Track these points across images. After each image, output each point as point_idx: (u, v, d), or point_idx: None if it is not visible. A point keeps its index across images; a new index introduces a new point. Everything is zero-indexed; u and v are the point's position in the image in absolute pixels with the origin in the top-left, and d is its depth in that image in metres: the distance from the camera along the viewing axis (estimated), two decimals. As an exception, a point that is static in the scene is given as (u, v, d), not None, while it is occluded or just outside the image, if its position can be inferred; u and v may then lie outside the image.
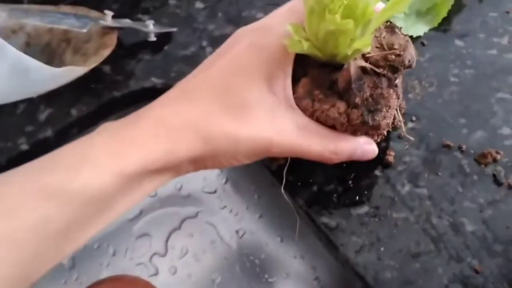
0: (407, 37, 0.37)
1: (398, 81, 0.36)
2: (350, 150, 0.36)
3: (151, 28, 0.51)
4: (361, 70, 0.35)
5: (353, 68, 0.34)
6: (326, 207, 0.41)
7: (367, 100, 0.34)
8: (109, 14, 0.49)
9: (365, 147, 0.37)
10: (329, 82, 0.35)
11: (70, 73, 0.46)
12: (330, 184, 0.42)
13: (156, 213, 0.56)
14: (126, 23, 0.51)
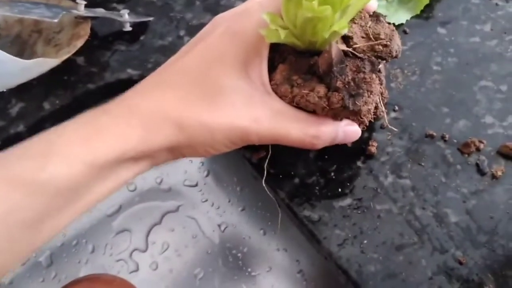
0: (392, 26, 0.36)
1: (381, 66, 0.35)
2: (331, 133, 0.35)
3: (126, 17, 0.49)
4: (344, 54, 0.34)
5: (334, 49, 0.33)
6: (308, 200, 0.40)
7: (349, 84, 0.33)
8: (81, 3, 0.47)
9: (347, 129, 0.35)
10: (308, 66, 0.34)
11: (41, 65, 0.44)
12: (311, 176, 0.41)
13: (136, 208, 0.54)
14: (100, 12, 0.49)
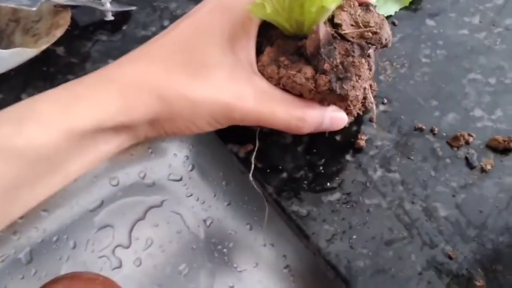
0: (382, 15, 0.36)
1: (371, 51, 0.34)
2: (318, 117, 0.34)
3: (108, 6, 0.47)
4: (333, 37, 0.33)
5: (322, 30, 0.32)
6: (296, 194, 0.39)
7: (337, 67, 0.33)
8: (61, -9, 0.46)
9: (334, 115, 0.35)
10: (295, 48, 0.34)
11: (20, 56, 0.43)
12: (300, 170, 0.40)
13: (118, 203, 0.53)
14: (80, 1, 0.47)
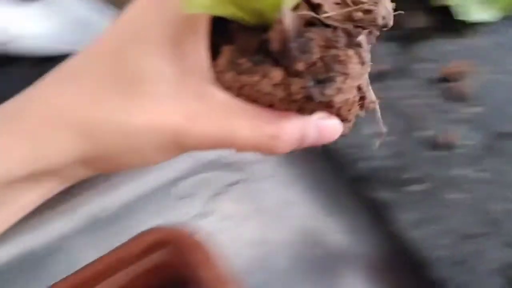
0: None
1: (362, 38, 0.24)
2: (297, 131, 0.25)
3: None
4: (309, 24, 0.24)
5: (288, 17, 0.22)
6: (377, 182, 0.41)
7: (315, 65, 0.23)
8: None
9: (321, 123, 0.25)
10: (258, 44, 0.24)
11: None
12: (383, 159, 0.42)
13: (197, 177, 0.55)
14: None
